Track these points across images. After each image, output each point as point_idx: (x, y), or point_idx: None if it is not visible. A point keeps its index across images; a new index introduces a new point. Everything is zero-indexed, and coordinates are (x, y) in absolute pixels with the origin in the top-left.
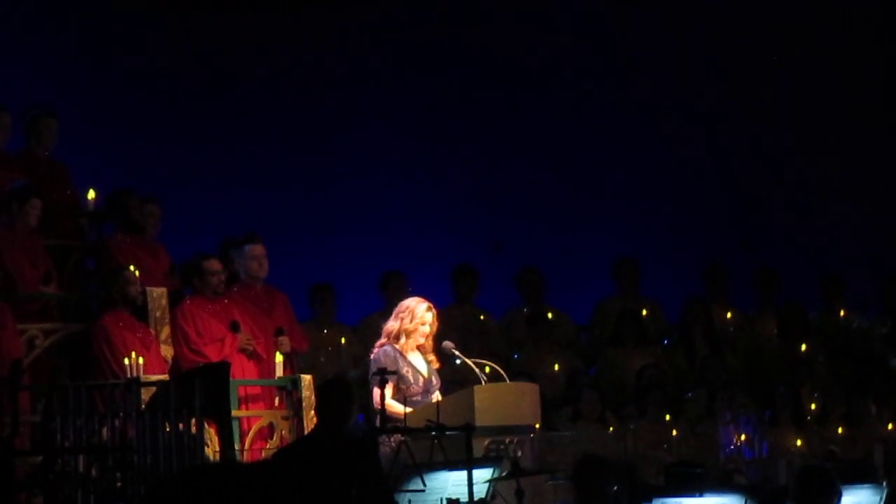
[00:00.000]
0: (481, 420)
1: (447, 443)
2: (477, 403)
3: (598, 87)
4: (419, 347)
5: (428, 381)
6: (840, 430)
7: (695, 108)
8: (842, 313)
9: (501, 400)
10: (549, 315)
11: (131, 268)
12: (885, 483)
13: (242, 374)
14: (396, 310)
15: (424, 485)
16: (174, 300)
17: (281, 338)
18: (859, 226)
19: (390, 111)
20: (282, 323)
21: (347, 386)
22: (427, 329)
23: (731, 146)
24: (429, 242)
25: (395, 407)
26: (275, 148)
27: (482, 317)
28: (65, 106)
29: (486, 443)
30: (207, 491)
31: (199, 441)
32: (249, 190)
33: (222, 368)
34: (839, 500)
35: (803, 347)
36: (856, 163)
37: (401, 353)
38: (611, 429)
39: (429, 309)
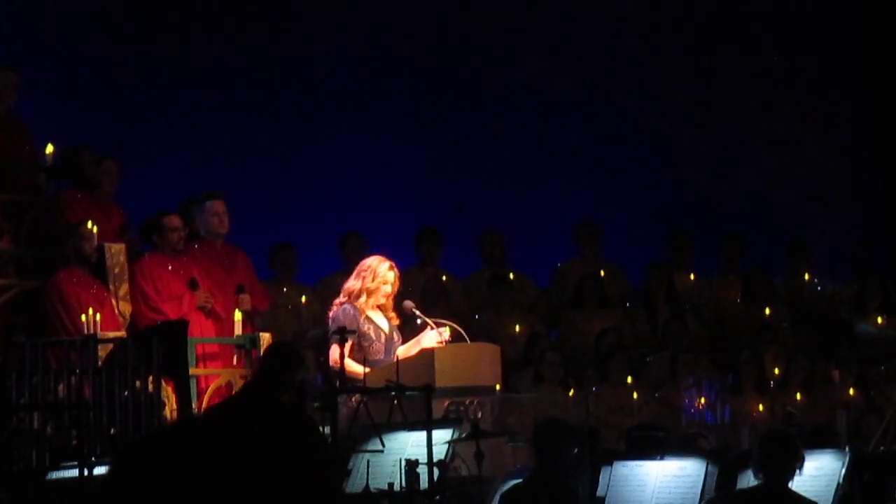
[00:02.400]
0: (441, 381)
1: (407, 403)
2: (437, 364)
3: (562, 51)
4: (379, 307)
5: (389, 339)
6: (801, 396)
7: (658, 73)
8: (806, 278)
9: (462, 361)
10: (511, 277)
11: (88, 224)
12: (847, 448)
13: (200, 332)
14: (358, 268)
15: (383, 445)
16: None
17: (242, 295)
18: (825, 190)
19: (354, 72)
20: (243, 281)
21: (292, 352)
22: (389, 289)
23: (695, 110)
24: (392, 204)
25: (354, 367)
26: (237, 107)
27: (444, 278)
28: (26, 60)
29: (445, 404)
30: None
31: (157, 399)
32: (211, 149)
33: (180, 326)
34: (801, 465)
35: (767, 312)
36: (821, 126)
37: (361, 312)
38: (571, 392)
39: (391, 268)
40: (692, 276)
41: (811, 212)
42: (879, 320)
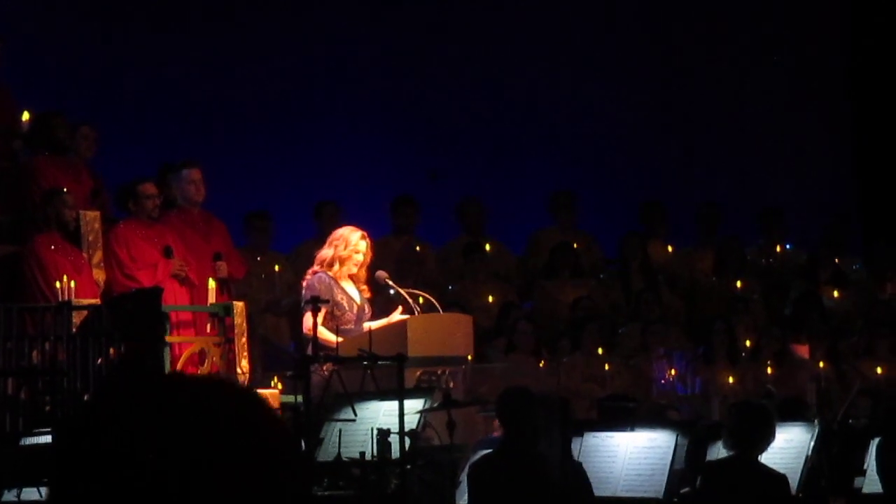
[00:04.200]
0: (414, 350)
1: (379, 373)
2: (410, 334)
3: (539, 19)
4: (351, 277)
5: (361, 310)
6: (772, 369)
7: (632, 42)
8: (778, 248)
9: (434, 331)
10: (488, 247)
11: (65, 189)
12: (816, 421)
13: (174, 299)
14: (330, 238)
15: (355, 414)
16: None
17: (219, 262)
18: (797, 161)
19: (331, 42)
20: (219, 249)
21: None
22: (361, 258)
23: (669, 80)
24: (368, 172)
25: (327, 335)
26: (216, 76)
27: (419, 247)
28: (6, 28)
29: (418, 373)
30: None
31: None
32: (188, 117)
33: (154, 294)
34: (773, 438)
35: (740, 284)
36: (796, 96)
37: (335, 280)
38: (543, 362)
39: (363, 237)
40: (669, 248)
41: (786, 182)
42: (836, 293)
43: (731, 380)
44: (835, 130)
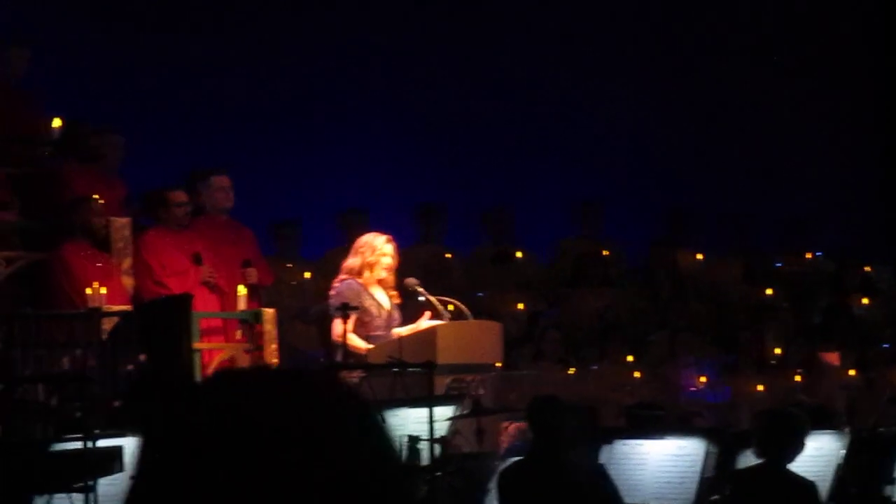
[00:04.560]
0: (443, 357)
1: (409, 380)
2: (439, 341)
3: (567, 27)
4: (380, 282)
5: (390, 316)
6: (800, 377)
7: (659, 50)
8: (807, 257)
9: (464, 338)
10: (518, 254)
11: (96, 197)
12: (846, 430)
13: (204, 306)
14: (355, 246)
15: (385, 421)
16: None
17: (248, 269)
18: (826, 170)
19: (357, 48)
20: (247, 256)
21: None
22: (388, 261)
23: (697, 88)
24: (394, 180)
25: (357, 342)
26: (242, 84)
27: (447, 255)
28: (35, 34)
29: (447, 380)
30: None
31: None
32: (214, 125)
33: (184, 300)
34: (802, 448)
35: (769, 292)
36: (825, 105)
37: (363, 287)
38: (572, 370)
39: (388, 241)
40: (697, 256)
41: (814, 190)
42: (865, 301)
43: (759, 388)
44: (863, 139)
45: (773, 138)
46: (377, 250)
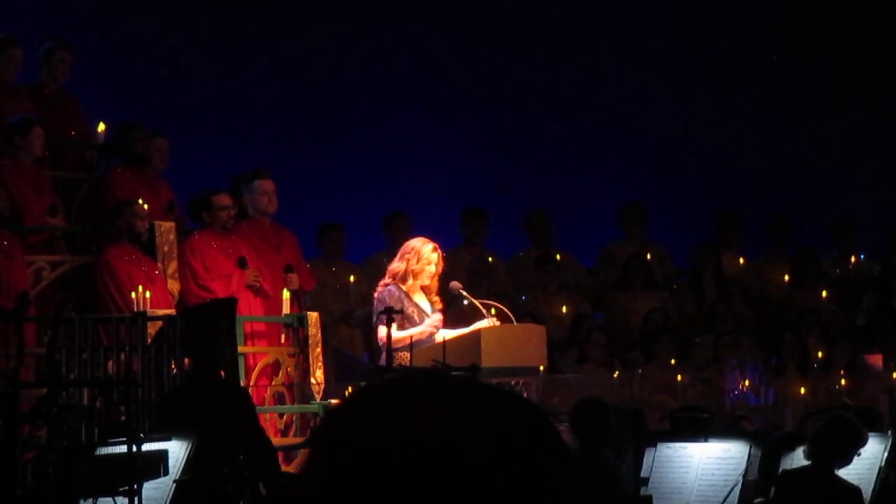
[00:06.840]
0: (487, 361)
1: None
2: (483, 344)
3: (610, 30)
4: (423, 288)
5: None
6: (844, 380)
7: (706, 53)
8: (853, 259)
9: (508, 341)
10: (559, 257)
11: (140, 201)
12: (889, 432)
13: (249, 310)
14: (402, 250)
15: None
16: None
17: (290, 275)
18: (871, 171)
19: (401, 52)
20: (290, 260)
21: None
22: (433, 269)
23: (741, 90)
24: (437, 184)
25: (401, 335)
26: (286, 88)
27: (490, 258)
28: (80, 38)
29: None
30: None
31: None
32: (258, 128)
33: (229, 304)
34: (853, 456)
35: (824, 294)
36: (868, 106)
37: (406, 294)
38: (616, 373)
39: (434, 250)
40: (741, 260)
41: (859, 192)
42: None
43: (803, 390)
44: None
45: (818, 140)
46: (423, 259)
